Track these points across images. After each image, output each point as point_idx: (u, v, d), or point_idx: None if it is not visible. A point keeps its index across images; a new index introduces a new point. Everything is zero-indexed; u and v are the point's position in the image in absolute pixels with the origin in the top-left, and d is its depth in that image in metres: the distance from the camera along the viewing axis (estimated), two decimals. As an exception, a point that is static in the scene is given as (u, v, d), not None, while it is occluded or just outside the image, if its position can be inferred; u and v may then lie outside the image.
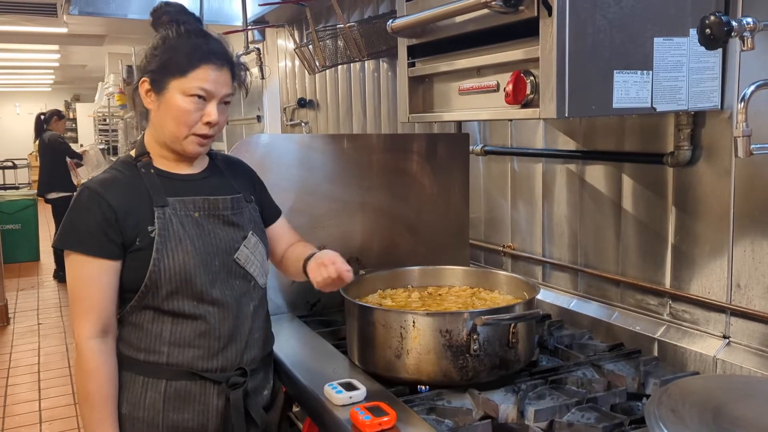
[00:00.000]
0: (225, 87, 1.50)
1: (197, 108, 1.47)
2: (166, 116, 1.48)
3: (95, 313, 1.45)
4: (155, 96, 1.49)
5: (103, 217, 1.43)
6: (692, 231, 1.70)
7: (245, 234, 1.56)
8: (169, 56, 1.47)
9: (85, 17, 4.32)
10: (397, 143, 2.32)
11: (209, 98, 1.48)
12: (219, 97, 1.49)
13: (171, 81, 1.46)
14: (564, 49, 1.31)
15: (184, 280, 1.45)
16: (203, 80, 1.46)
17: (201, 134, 1.49)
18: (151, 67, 1.49)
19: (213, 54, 1.48)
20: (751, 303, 1.57)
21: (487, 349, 1.54)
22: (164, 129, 1.50)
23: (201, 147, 1.52)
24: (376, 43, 2.70)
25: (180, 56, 1.47)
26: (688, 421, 1.13)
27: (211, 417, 1.51)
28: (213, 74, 1.47)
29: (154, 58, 1.49)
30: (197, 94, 1.46)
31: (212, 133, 1.51)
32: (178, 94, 1.46)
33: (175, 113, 1.47)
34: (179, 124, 1.47)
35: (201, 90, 1.46)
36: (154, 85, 1.49)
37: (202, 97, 1.46)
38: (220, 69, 1.48)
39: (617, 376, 1.64)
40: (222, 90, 1.49)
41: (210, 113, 1.48)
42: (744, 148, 1.21)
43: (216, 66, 1.48)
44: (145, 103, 1.52)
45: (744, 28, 1.19)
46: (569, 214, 2.11)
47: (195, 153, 1.53)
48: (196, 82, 1.45)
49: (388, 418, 1.34)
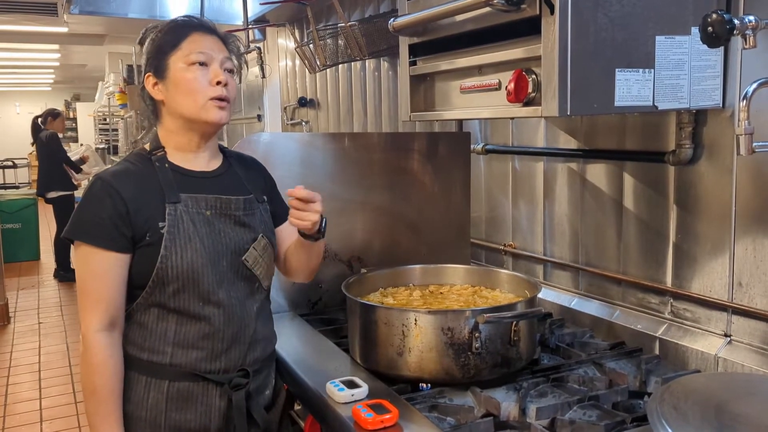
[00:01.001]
0: (221, 52, 1.53)
1: (202, 74, 1.49)
2: (177, 94, 1.50)
3: (103, 306, 1.44)
4: (161, 83, 1.52)
5: (115, 210, 1.43)
6: (693, 229, 1.70)
7: (255, 236, 1.56)
8: (160, 39, 1.53)
9: (86, 16, 4.33)
10: (398, 142, 2.32)
11: (209, 61, 1.50)
12: (218, 60, 1.51)
13: (169, 58, 1.50)
14: (566, 47, 1.32)
15: (191, 279, 1.45)
16: (197, 45, 1.50)
17: (216, 96, 1.50)
18: (148, 60, 1.54)
19: (199, 24, 1.55)
20: (753, 301, 1.57)
21: (488, 347, 1.54)
22: (181, 108, 1.50)
23: (222, 111, 1.51)
24: (377, 41, 2.70)
25: (169, 35, 1.53)
26: (691, 418, 1.13)
27: (214, 418, 1.51)
28: (204, 39, 1.52)
29: (148, 52, 1.55)
30: (197, 61, 1.49)
31: (226, 94, 1.51)
32: (179, 66, 1.49)
33: (183, 87, 1.49)
34: (191, 94, 1.49)
35: (199, 54, 1.49)
36: (157, 72, 1.52)
37: (203, 63, 1.50)
38: (209, 35, 1.54)
39: (619, 374, 1.64)
40: (218, 54, 1.52)
41: (216, 73, 1.50)
42: (746, 146, 1.22)
43: (204, 32, 1.53)
44: (155, 96, 1.53)
45: (746, 26, 1.20)
46: (570, 213, 2.11)
47: (218, 120, 1.52)
48: (191, 47, 1.50)
49: (390, 416, 1.34)
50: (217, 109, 1.50)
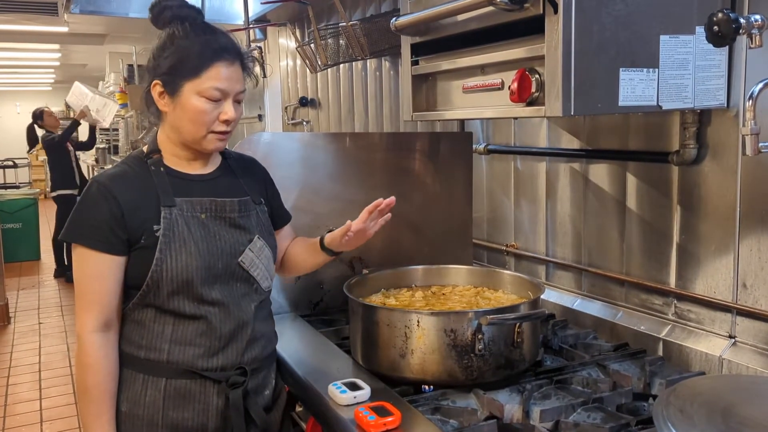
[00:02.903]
0: (238, 83, 1.49)
1: (214, 107, 1.46)
2: (182, 118, 1.47)
3: (98, 307, 1.45)
4: (169, 98, 1.48)
5: (110, 213, 1.43)
6: (697, 230, 1.69)
7: (251, 237, 1.55)
8: (179, 57, 1.45)
9: (86, 16, 4.32)
10: (400, 142, 2.31)
11: (224, 97, 1.46)
12: (233, 94, 1.48)
13: (185, 83, 1.45)
14: (570, 46, 1.31)
15: (185, 282, 1.45)
16: (217, 79, 1.44)
17: (219, 131, 1.49)
18: (162, 69, 1.47)
19: (224, 50, 1.47)
20: (758, 303, 1.56)
21: (492, 348, 1.53)
22: (182, 130, 1.49)
23: (221, 143, 1.52)
24: (378, 41, 2.69)
25: (191, 56, 1.44)
26: (697, 421, 1.12)
27: (211, 416, 1.51)
28: (226, 71, 1.45)
29: (163, 59, 1.47)
30: (212, 95, 1.44)
31: (230, 129, 1.51)
32: (193, 96, 1.45)
33: (191, 115, 1.46)
34: (197, 125, 1.47)
35: (216, 90, 1.44)
36: (168, 87, 1.47)
37: (218, 96, 1.45)
38: (232, 64, 1.47)
39: (623, 376, 1.63)
40: (236, 87, 1.48)
41: (227, 111, 1.47)
42: (752, 146, 1.21)
43: (228, 62, 1.46)
44: (159, 105, 1.50)
45: (752, 26, 1.19)
46: (573, 213, 2.10)
47: (215, 149, 1.53)
48: (210, 82, 1.44)
49: (392, 418, 1.33)
50: (217, 141, 1.50)
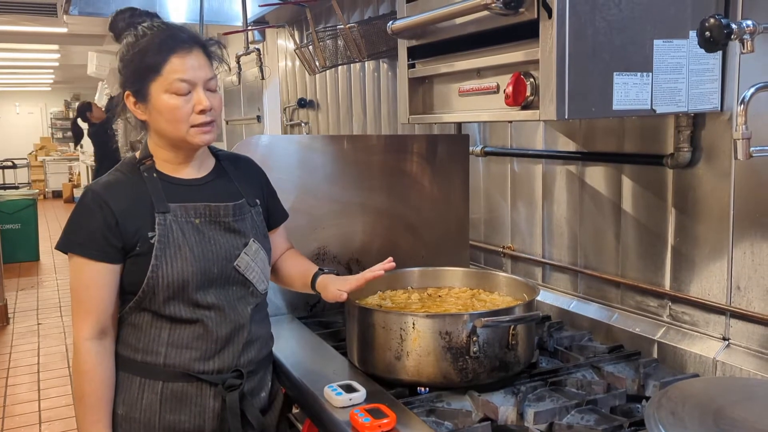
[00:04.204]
0: (202, 70, 1.46)
1: (185, 101, 1.44)
2: (159, 121, 1.47)
3: (94, 315, 1.46)
4: (142, 105, 1.48)
5: (105, 222, 1.44)
6: (692, 233, 1.70)
7: (246, 241, 1.56)
8: (138, 61, 1.45)
9: (85, 17, 4.32)
10: (397, 144, 2.32)
11: (192, 87, 1.45)
12: (201, 83, 1.46)
13: (150, 84, 1.44)
14: (564, 50, 1.31)
15: (181, 287, 1.46)
16: (178, 71, 1.43)
17: (199, 123, 1.46)
18: (128, 78, 1.48)
19: (178, 40, 1.45)
20: (751, 305, 1.57)
21: (486, 350, 1.54)
22: (164, 132, 1.49)
23: (207, 135, 1.49)
24: (376, 43, 2.70)
25: (148, 56, 1.44)
26: (688, 423, 1.13)
27: (208, 418, 1.51)
28: (186, 61, 1.44)
29: (126, 68, 1.48)
30: (179, 92, 1.43)
31: (211, 118, 1.48)
32: (161, 95, 1.44)
33: (166, 115, 1.45)
34: (174, 123, 1.46)
35: (181, 82, 1.43)
36: (138, 95, 1.47)
37: (186, 88, 1.44)
38: (189, 52, 1.45)
39: (617, 377, 1.64)
40: (201, 74, 1.45)
41: (200, 101, 1.45)
42: (744, 151, 1.21)
43: (185, 51, 1.44)
44: (136, 115, 1.51)
45: (744, 31, 1.19)
46: (569, 216, 2.11)
47: (203, 143, 1.50)
48: (172, 75, 1.43)
49: (387, 420, 1.33)
50: (201, 134, 1.48)
